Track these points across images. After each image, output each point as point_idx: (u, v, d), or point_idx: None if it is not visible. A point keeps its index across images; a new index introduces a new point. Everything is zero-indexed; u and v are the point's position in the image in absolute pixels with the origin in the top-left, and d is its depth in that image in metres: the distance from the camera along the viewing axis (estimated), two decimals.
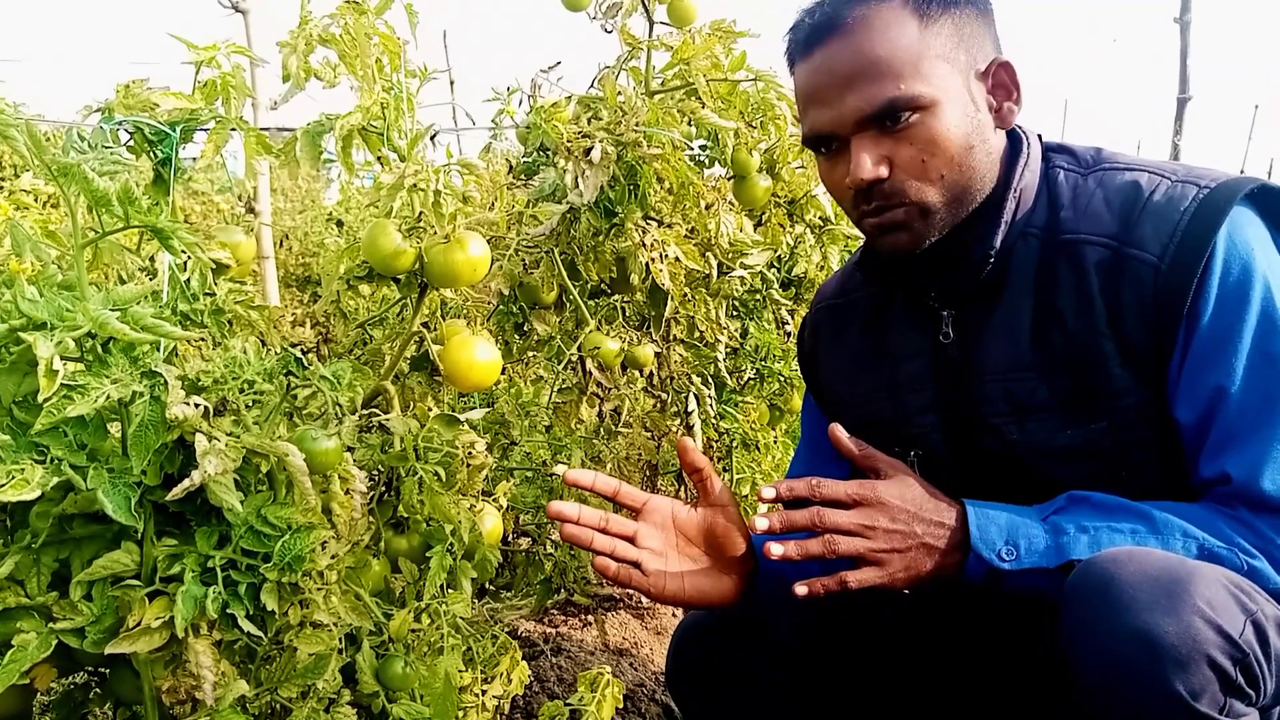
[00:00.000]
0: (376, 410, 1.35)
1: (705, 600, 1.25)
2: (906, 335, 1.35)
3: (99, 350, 0.89)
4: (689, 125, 1.78)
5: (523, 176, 1.86)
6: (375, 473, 1.33)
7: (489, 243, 1.52)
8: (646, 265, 1.72)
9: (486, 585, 2.42)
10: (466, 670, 1.40)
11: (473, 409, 1.45)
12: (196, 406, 0.93)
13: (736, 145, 1.83)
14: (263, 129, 1.37)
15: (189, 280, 1.14)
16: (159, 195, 1.21)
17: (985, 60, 1.21)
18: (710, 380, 2.17)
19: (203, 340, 1.15)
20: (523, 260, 1.70)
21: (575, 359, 1.85)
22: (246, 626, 0.95)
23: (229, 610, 0.94)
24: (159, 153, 1.20)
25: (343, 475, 1.11)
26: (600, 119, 1.64)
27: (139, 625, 0.92)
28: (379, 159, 1.37)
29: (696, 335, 2.05)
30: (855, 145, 1.18)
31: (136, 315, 0.88)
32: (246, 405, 0.99)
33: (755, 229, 2.04)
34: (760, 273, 2.11)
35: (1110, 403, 1.17)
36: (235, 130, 1.28)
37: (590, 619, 2.55)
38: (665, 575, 1.23)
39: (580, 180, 1.55)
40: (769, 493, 1.12)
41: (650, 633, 2.57)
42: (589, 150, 1.56)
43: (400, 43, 1.32)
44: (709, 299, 1.99)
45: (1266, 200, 1.16)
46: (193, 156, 1.36)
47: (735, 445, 2.36)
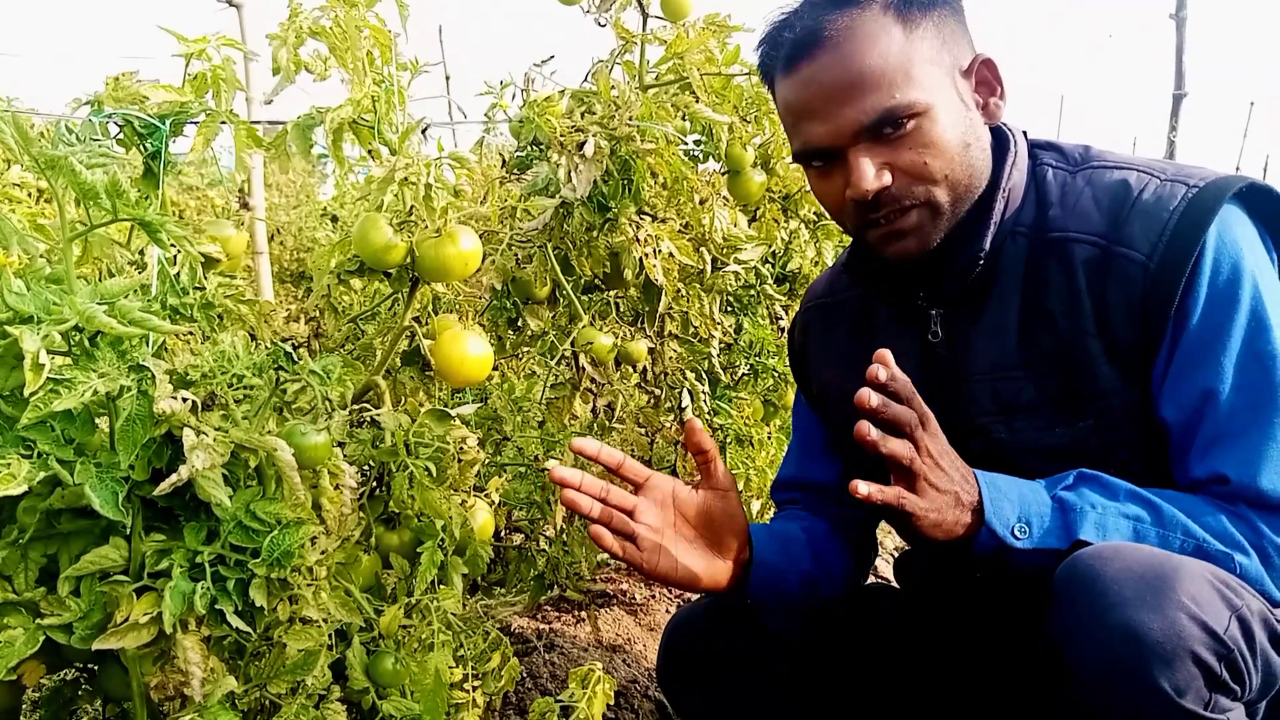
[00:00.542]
0: (368, 405, 1.34)
1: (695, 582, 1.24)
2: (894, 336, 1.34)
3: (86, 344, 0.89)
4: (683, 120, 1.78)
5: (516, 171, 1.86)
6: (366, 468, 1.33)
7: (482, 237, 1.52)
8: (640, 260, 1.72)
9: (479, 581, 2.42)
10: (457, 666, 1.39)
11: (465, 404, 1.45)
12: (184, 401, 0.92)
13: (731, 140, 1.83)
14: (255, 123, 1.36)
15: (178, 274, 1.13)
16: (149, 188, 1.20)
17: (967, 58, 1.21)
18: (704, 376, 2.17)
19: (191, 334, 1.14)
20: (516, 255, 1.69)
21: (569, 354, 1.84)
22: (235, 622, 0.94)
23: (217, 606, 0.94)
24: (149, 146, 1.20)
25: (332, 470, 1.11)
26: (594, 113, 1.64)
27: (127, 621, 0.92)
28: (370, 153, 1.36)
29: (690, 331, 2.04)
30: (854, 156, 1.16)
31: (124, 309, 0.87)
32: (235, 400, 0.99)
33: (749, 224, 2.03)
34: (754, 268, 2.10)
35: (1097, 402, 1.17)
36: (226, 124, 1.27)
37: (583, 615, 2.55)
38: (660, 551, 1.22)
39: (573, 174, 1.55)
40: (883, 374, 1.05)
41: (643, 629, 2.56)
42: (582, 144, 1.56)
43: (391, 36, 1.31)
44: (703, 294, 1.99)
45: (1255, 199, 1.16)
46: (183, 153, 1.36)
47: (729, 441, 2.36)
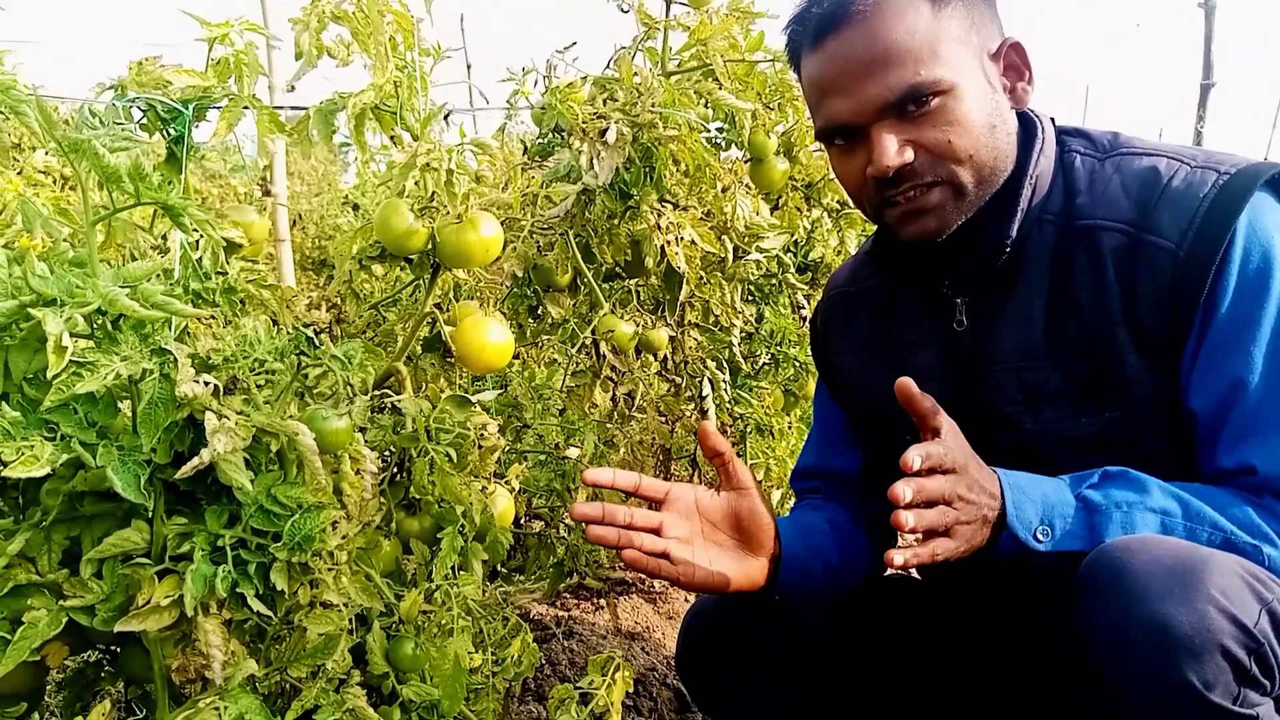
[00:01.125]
0: (389, 391, 1.34)
1: (730, 585, 1.24)
2: (919, 324, 1.33)
3: (109, 327, 0.89)
4: (706, 107, 1.76)
5: (537, 158, 1.85)
6: (387, 454, 1.33)
7: (504, 224, 1.51)
8: (662, 248, 1.71)
9: (498, 568, 2.42)
10: (477, 652, 1.40)
11: (485, 391, 1.44)
12: (206, 384, 0.92)
13: (754, 127, 1.81)
14: (277, 109, 1.36)
15: (201, 258, 1.13)
16: (172, 173, 1.21)
17: (995, 42, 1.20)
18: (725, 365, 2.16)
19: (214, 318, 1.15)
20: (537, 242, 1.69)
21: (589, 342, 1.84)
22: (256, 606, 0.95)
23: (238, 589, 0.94)
24: (172, 130, 1.20)
25: (353, 455, 1.11)
26: (616, 100, 1.63)
27: (148, 603, 0.92)
28: (392, 139, 1.36)
29: (711, 319, 2.03)
30: (876, 132, 1.15)
31: (146, 292, 0.87)
32: (257, 384, 0.99)
33: (772, 212, 2.02)
34: (776, 256, 2.09)
35: (1124, 391, 1.15)
36: (249, 109, 1.27)
37: (602, 603, 2.55)
38: (694, 563, 1.21)
39: (595, 162, 1.54)
40: (917, 461, 1.04)
41: (662, 617, 2.57)
42: (604, 131, 1.55)
43: (414, 20, 1.30)
44: (724, 283, 1.98)
45: None
46: (206, 139, 1.36)
47: (749, 431, 2.35)
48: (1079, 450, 1.19)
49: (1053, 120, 1.27)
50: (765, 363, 2.39)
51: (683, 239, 1.74)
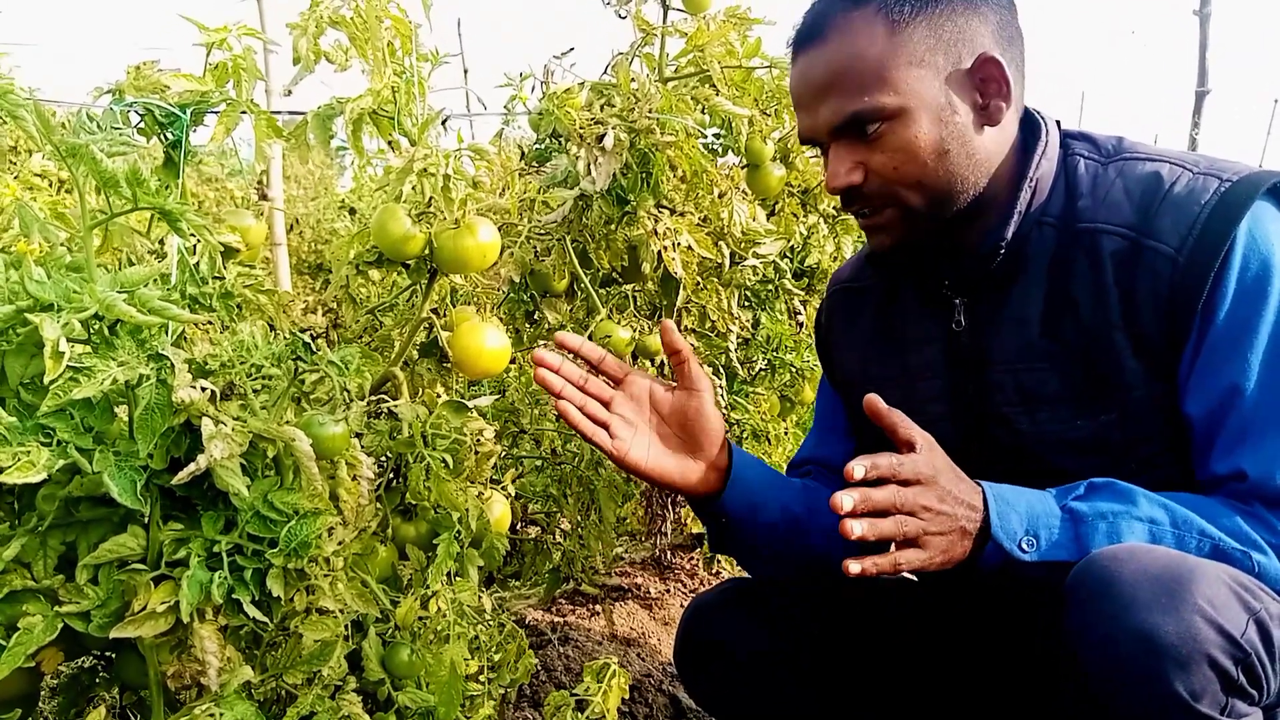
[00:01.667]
0: (385, 396, 1.34)
1: (669, 480, 1.26)
2: (919, 322, 1.34)
3: (106, 332, 0.89)
4: (703, 113, 1.76)
5: (535, 163, 1.85)
6: (383, 459, 1.33)
7: (501, 230, 1.51)
8: (659, 254, 1.71)
9: (494, 573, 2.42)
10: (473, 659, 1.39)
11: (482, 396, 1.44)
12: (203, 390, 0.92)
13: (750, 133, 1.82)
14: (274, 113, 1.36)
15: (198, 263, 1.13)
16: (169, 178, 1.20)
17: (972, 56, 1.16)
18: (721, 370, 2.16)
19: (211, 324, 1.14)
20: (534, 248, 1.69)
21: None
22: (252, 612, 0.94)
23: (235, 595, 0.94)
24: (169, 135, 1.20)
25: (350, 461, 1.11)
26: (613, 106, 1.63)
27: (144, 609, 0.92)
28: (390, 144, 1.36)
29: (708, 325, 2.03)
30: (832, 153, 1.20)
31: (144, 298, 0.87)
32: (254, 389, 0.99)
33: (768, 218, 2.02)
34: (773, 262, 2.09)
35: (1121, 395, 1.16)
36: (246, 113, 1.27)
37: (598, 609, 2.55)
38: (632, 442, 1.24)
39: (593, 167, 1.54)
40: (859, 471, 1.06)
41: (658, 623, 2.56)
42: (602, 137, 1.55)
43: (413, 25, 1.30)
44: (721, 288, 1.98)
45: None
46: (203, 143, 1.36)
47: (746, 436, 2.35)
48: (1076, 452, 1.19)
49: (1059, 124, 1.27)
50: (762, 368, 2.39)
51: (680, 244, 1.74)
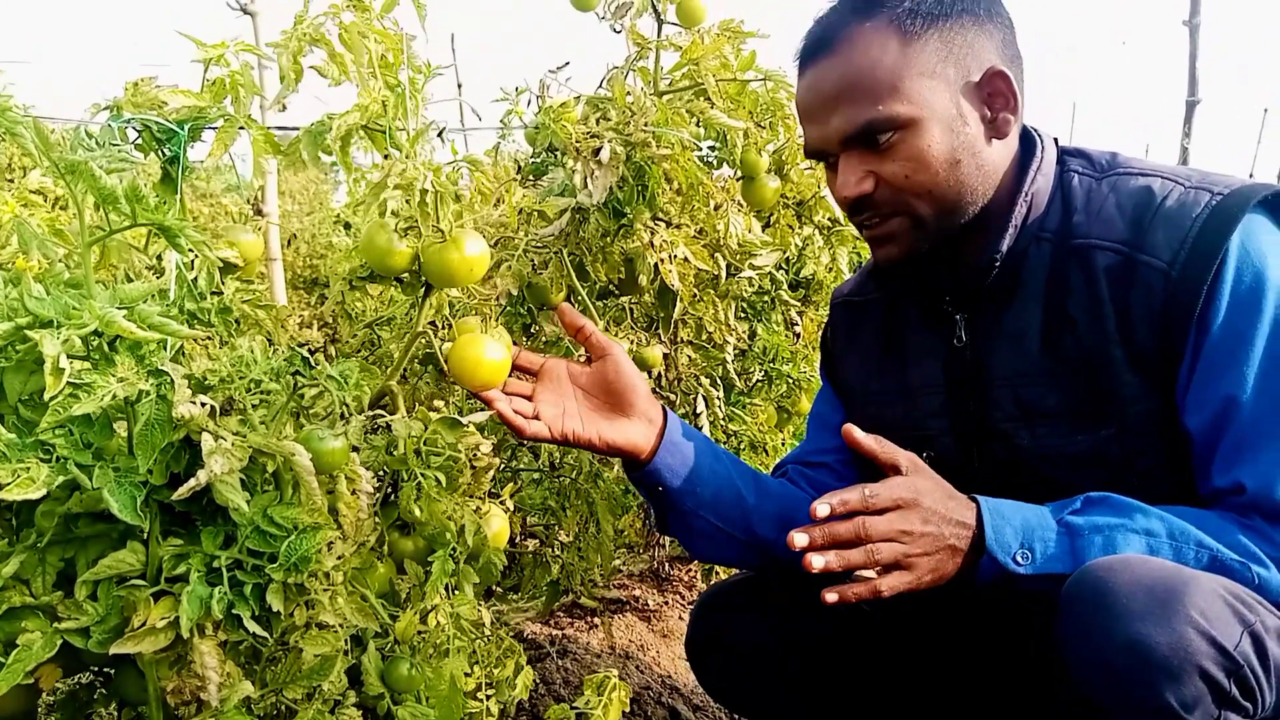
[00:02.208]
0: (383, 411, 1.34)
1: (613, 445, 1.31)
2: (921, 338, 1.35)
3: (105, 349, 0.89)
4: (698, 126, 1.77)
5: (531, 177, 1.86)
6: (381, 473, 1.33)
7: (498, 243, 1.52)
8: (655, 266, 1.71)
9: (493, 587, 2.41)
10: (472, 673, 1.39)
11: (478, 412, 1.44)
12: (203, 405, 0.92)
13: (745, 146, 1.82)
14: (269, 128, 1.36)
15: (196, 279, 1.13)
16: (167, 194, 1.20)
17: (980, 70, 1.18)
18: (718, 382, 2.16)
19: (209, 339, 1.14)
20: (532, 261, 1.69)
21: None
22: (252, 627, 0.94)
23: (234, 611, 0.93)
24: (167, 151, 1.20)
25: (349, 475, 1.11)
26: (609, 119, 1.63)
27: (144, 625, 0.92)
28: (386, 158, 1.36)
29: (705, 337, 2.04)
30: (842, 163, 1.21)
31: (143, 313, 0.87)
32: (253, 404, 0.99)
33: (764, 230, 2.03)
34: (769, 274, 2.10)
35: (1119, 409, 1.16)
36: (244, 129, 1.27)
37: (596, 621, 2.54)
38: (563, 418, 1.30)
39: (589, 180, 1.54)
40: (823, 510, 1.09)
41: (656, 635, 2.56)
42: (598, 150, 1.55)
43: (401, 39, 1.30)
44: (717, 300, 1.98)
45: None
46: (200, 159, 1.36)
47: (743, 447, 2.35)
48: (1075, 466, 1.19)
49: (1055, 140, 1.28)
50: (759, 380, 2.39)
51: (676, 256, 1.74)
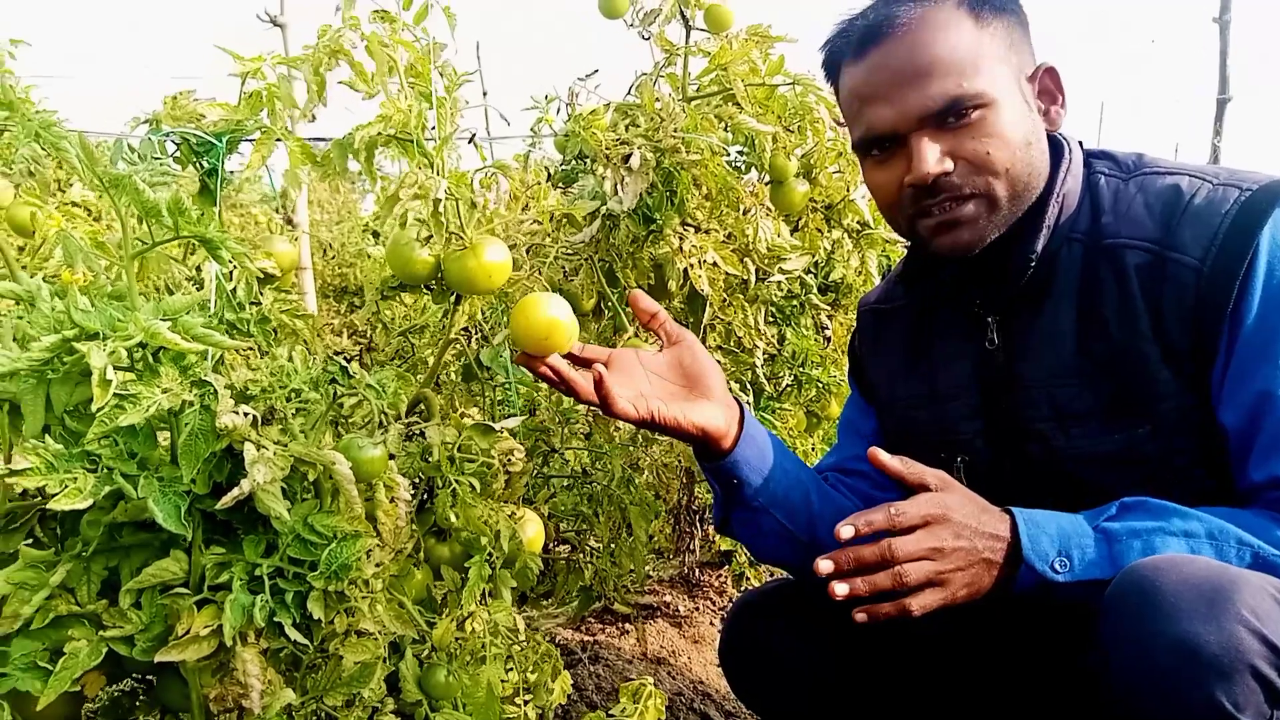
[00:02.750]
0: (419, 419, 1.35)
1: (699, 427, 1.24)
2: (950, 342, 1.34)
3: (150, 360, 0.90)
4: (726, 131, 1.77)
5: (561, 185, 1.86)
6: (416, 480, 1.33)
7: (529, 251, 1.52)
8: (684, 271, 1.71)
9: (527, 592, 2.42)
10: (509, 679, 1.39)
11: (511, 417, 1.45)
12: (245, 415, 0.93)
13: (774, 150, 1.82)
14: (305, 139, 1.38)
15: (235, 290, 1.14)
16: (205, 205, 1.22)
17: (1031, 66, 1.23)
18: (748, 387, 2.16)
19: (250, 349, 1.16)
20: (563, 268, 1.70)
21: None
22: (293, 635, 0.95)
23: (276, 618, 0.94)
24: (205, 163, 1.21)
25: (387, 483, 1.12)
26: (638, 126, 1.64)
27: (187, 633, 0.93)
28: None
29: (734, 341, 2.03)
30: (916, 140, 1.18)
31: (187, 325, 0.88)
32: (293, 414, 1.00)
33: (792, 234, 2.02)
34: (799, 278, 2.09)
35: (1153, 407, 1.15)
36: (280, 140, 1.29)
37: (627, 627, 2.54)
38: (645, 399, 1.22)
39: (620, 187, 1.55)
40: (847, 532, 1.07)
41: (688, 641, 2.55)
42: (628, 157, 1.56)
43: (427, 49, 1.30)
44: (746, 305, 1.98)
45: None
46: (233, 170, 1.37)
47: None
48: (1110, 466, 1.18)
49: (1080, 143, 1.28)
50: (788, 384, 2.38)
51: (705, 262, 1.74)
